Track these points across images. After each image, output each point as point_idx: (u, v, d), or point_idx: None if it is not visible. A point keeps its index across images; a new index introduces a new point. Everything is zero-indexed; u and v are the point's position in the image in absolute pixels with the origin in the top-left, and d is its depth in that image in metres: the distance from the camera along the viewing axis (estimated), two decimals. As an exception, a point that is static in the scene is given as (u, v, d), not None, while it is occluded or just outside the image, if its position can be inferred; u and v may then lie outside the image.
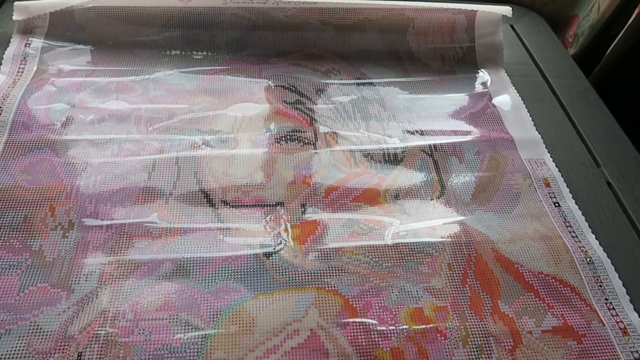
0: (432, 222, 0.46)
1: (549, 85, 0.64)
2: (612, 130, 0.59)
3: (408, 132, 0.53)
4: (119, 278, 0.39)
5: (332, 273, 0.41)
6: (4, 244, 0.40)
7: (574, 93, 0.63)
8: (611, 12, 0.71)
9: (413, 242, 0.44)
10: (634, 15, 0.66)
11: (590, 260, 0.45)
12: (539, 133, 0.56)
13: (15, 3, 0.57)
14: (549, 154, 0.53)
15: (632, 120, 0.60)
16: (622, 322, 0.41)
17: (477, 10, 0.61)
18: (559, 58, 0.68)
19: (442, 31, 0.62)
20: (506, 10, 0.61)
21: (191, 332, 0.37)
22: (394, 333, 0.38)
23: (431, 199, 0.48)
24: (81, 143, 0.48)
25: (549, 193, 0.49)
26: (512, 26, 0.72)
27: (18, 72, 0.54)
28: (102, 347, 0.36)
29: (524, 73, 0.64)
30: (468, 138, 0.53)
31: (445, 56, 0.63)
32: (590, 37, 0.75)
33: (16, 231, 0.41)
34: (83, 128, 0.49)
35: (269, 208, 0.45)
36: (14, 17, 0.56)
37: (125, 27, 0.58)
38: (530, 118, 0.57)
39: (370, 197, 0.47)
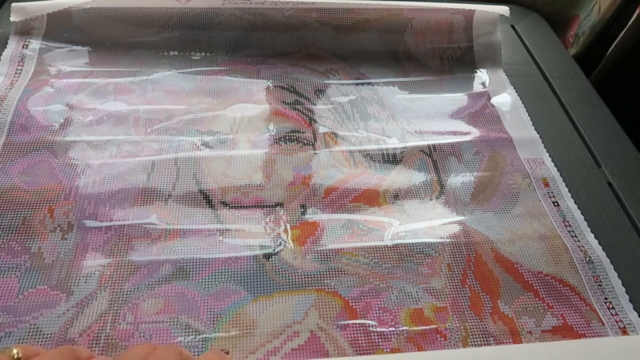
0: (432, 223, 0.46)
1: (549, 85, 0.64)
2: (613, 131, 0.59)
3: (407, 132, 0.53)
4: (119, 280, 0.39)
5: (332, 274, 0.41)
6: (2, 246, 0.40)
7: (575, 93, 0.63)
8: (612, 12, 0.71)
9: (412, 243, 0.44)
10: (634, 16, 0.66)
11: (589, 260, 0.45)
12: (539, 133, 0.56)
13: (13, 4, 0.57)
14: (547, 154, 0.53)
15: (633, 120, 0.60)
16: (621, 321, 0.41)
17: (475, 10, 0.61)
18: (560, 58, 0.68)
19: (440, 31, 0.62)
20: (504, 9, 0.61)
21: (191, 335, 0.37)
22: (394, 334, 0.38)
23: (430, 199, 0.48)
24: (79, 144, 0.48)
25: (548, 192, 0.50)
26: (513, 26, 0.72)
27: (16, 73, 0.53)
28: (102, 350, 0.35)
29: (525, 73, 0.64)
30: (467, 138, 0.53)
31: (444, 56, 0.63)
32: (591, 38, 0.75)
33: (15, 233, 0.41)
34: (81, 129, 0.49)
35: (268, 209, 0.45)
36: (12, 19, 0.56)
37: (123, 28, 0.58)
38: (529, 118, 0.57)
39: (369, 198, 0.47)
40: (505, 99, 0.59)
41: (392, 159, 0.50)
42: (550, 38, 0.72)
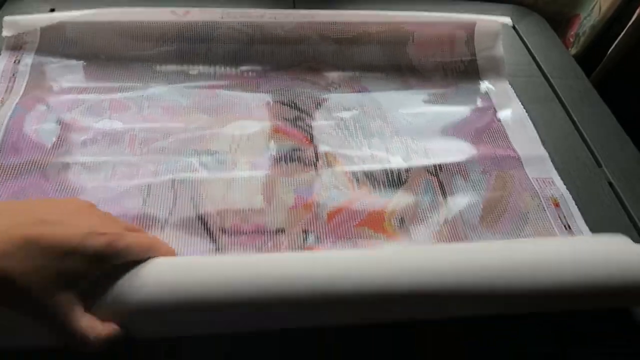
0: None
1: (550, 85, 0.63)
2: (613, 131, 0.59)
3: (412, 150, 0.52)
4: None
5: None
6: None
7: (576, 93, 0.62)
8: (612, 12, 0.71)
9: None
10: (635, 15, 0.65)
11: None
12: (539, 133, 0.55)
13: (5, 18, 0.55)
14: (556, 172, 0.51)
15: (633, 120, 0.60)
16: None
17: (475, 23, 0.59)
18: (561, 58, 0.68)
19: (442, 44, 0.60)
20: (505, 19, 0.59)
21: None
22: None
23: (437, 223, 0.46)
24: (73, 166, 0.46)
25: (559, 214, 0.48)
26: (513, 26, 0.72)
27: (7, 90, 0.52)
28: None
29: (526, 73, 0.64)
30: (473, 156, 0.52)
31: (447, 69, 0.61)
32: (591, 37, 0.74)
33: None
34: (75, 150, 0.47)
35: (269, 235, 0.43)
36: (4, 34, 0.54)
37: (119, 42, 0.56)
38: (537, 133, 0.55)
39: (374, 222, 0.45)
40: (512, 114, 0.57)
41: (396, 179, 0.49)
42: (550, 38, 0.72)
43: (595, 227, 0.47)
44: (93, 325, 0.30)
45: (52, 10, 0.66)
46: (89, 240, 0.29)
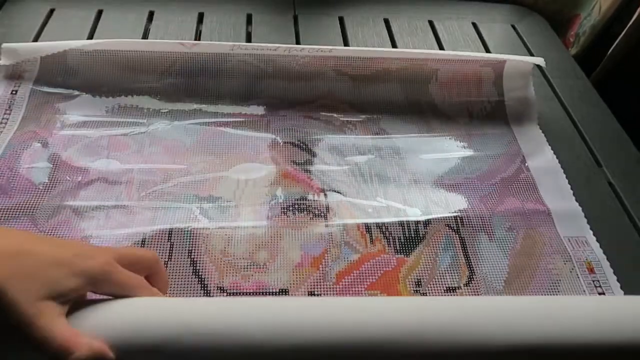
0: (459, 317, 0.40)
1: (550, 85, 0.63)
2: (613, 131, 0.58)
3: (431, 201, 0.47)
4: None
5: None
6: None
7: (576, 93, 0.63)
8: (613, 11, 0.71)
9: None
10: (635, 15, 0.65)
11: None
12: (542, 130, 0.55)
13: (3, 45, 0.52)
14: (591, 231, 0.47)
15: (633, 120, 0.59)
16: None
17: (505, 61, 0.55)
18: (561, 58, 0.68)
19: (468, 83, 0.56)
20: (539, 60, 0.55)
21: None
22: None
23: (458, 287, 0.42)
24: (64, 211, 0.43)
25: (593, 281, 0.43)
26: (513, 26, 0.72)
27: (1, 123, 0.49)
28: None
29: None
30: (499, 209, 0.47)
31: (472, 110, 0.56)
32: (591, 37, 0.74)
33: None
34: (67, 192, 0.44)
35: (271, 296, 0.39)
36: (1, 62, 0.51)
37: (123, 73, 0.53)
38: (569, 185, 0.50)
39: (388, 284, 0.41)
40: (542, 162, 0.52)
41: (414, 234, 0.45)
42: (550, 38, 0.72)
43: (595, 227, 0.47)
44: (76, 336, 0.28)
45: (52, 10, 0.64)
46: (78, 258, 0.29)
